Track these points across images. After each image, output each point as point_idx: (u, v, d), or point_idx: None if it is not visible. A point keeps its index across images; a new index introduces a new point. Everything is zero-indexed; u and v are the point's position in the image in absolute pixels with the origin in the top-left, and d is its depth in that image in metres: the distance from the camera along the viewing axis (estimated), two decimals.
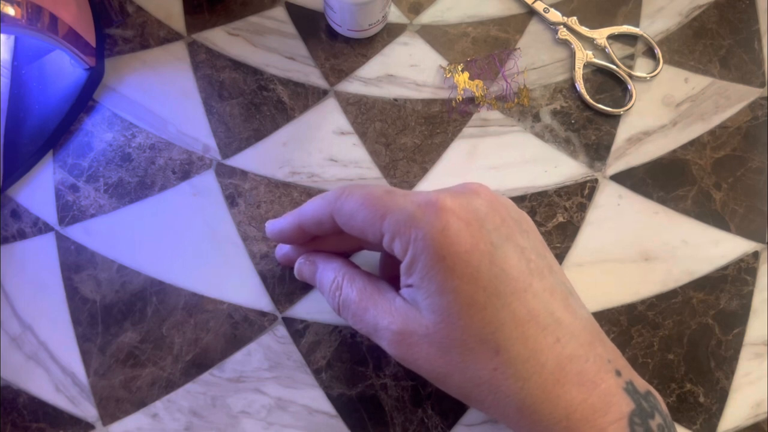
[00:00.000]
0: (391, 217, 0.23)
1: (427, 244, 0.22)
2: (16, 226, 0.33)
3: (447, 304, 0.22)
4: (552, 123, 0.35)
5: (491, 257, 0.22)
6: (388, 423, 0.30)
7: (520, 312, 0.22)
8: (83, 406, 0.30)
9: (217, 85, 0.35)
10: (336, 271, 0.27)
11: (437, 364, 0.23)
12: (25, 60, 0.35)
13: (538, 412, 0.21)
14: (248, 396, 0.30)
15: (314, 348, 0.31)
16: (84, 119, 0.35)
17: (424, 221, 0.22)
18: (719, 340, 0.31)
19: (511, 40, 0.37)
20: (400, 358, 0.24)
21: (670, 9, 0.38)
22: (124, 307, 0.31)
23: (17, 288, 0.32)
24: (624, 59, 0.36)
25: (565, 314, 0.22)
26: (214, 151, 0.34)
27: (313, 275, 0.28)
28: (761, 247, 0.33)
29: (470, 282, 0.21)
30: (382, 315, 0.24)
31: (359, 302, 0.25)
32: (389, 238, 0.23)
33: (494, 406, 0.22)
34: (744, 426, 0.30)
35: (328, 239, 0.28)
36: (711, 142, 0.35)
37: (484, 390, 0.22)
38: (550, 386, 0.21)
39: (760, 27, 0.37)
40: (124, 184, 0.33)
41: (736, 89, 0.36)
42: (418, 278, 0.22)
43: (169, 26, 0.36)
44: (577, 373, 0.21)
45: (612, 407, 0.21)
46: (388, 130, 0.35)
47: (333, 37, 0.36)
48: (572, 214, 0.33)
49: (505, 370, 0.21)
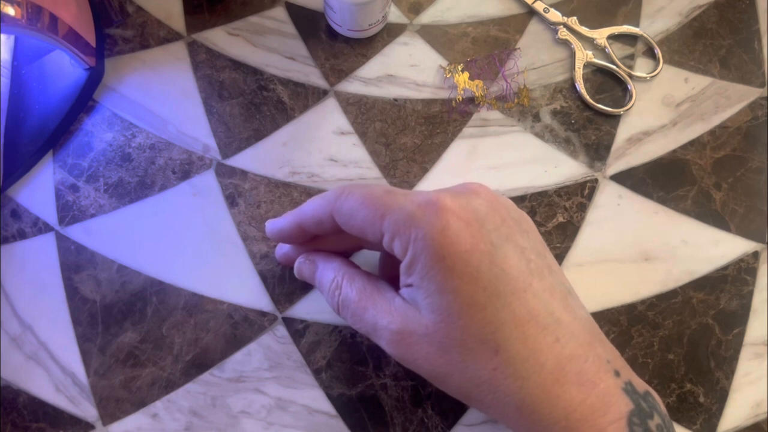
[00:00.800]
0: (390, 217, 0.23)
1: (427, 244, 0.22)
2: (16, 226, 0.33)
3: (447, 304, 0.22)
4: (552, 123, 0.35)
5: (491, 257, 0.22)
6: (388, 423, 0.30)
7: (519, 312, 0.22)
8: (83, 406, 0.30)
9: (217, 85, 0.35)
10: (336, 270, 0.26)
11: (437, 364, 0.23)
12: (25, 60, 0.35)
13: (538, 412, 0.21)
14: (248, 396, 0.30)
15: (314, 348, 0.31)
16: (84, 119, 0.35)
17: (424, 221, 0.22)
18: (719, 340, 0.31)
19: (511, 40, 0.37)
20: (399, 357, 0.24)
21: (670, 9, 0.38)
22: (124, 307, 0.31)
23: (17, 288, 0.32)
24: (624, 59, 0.36)
25: (564, 314, 0.22)
26: (214, 151, 0.34)
27: (312, 275, 0.28)
28: (761, 247, 0.33)
29: (470, 282, 0.21)
30: (381, 314, 0.24)
31: (358, 302, 0.25)
32: (389, 238, 0.23)
33: (494, 406, 0.22)
34: (744, 426, 0.30)
35: (328, 239, 0.28)
36: (711, 142, 0.35)
37: (484, 390, 0.22)
38: (549, 386, 0.21)
39: (760, 27, 0.37)
40: (124, 184, 0.33)
41: (736, 89, 0.36)
42: (418, 278, 0.22)
43: (169, 26, 0.36)
44: (577, 373, 0.21)
45: (611, 407, 0.21)
46: (388, 130, 0.35)
47: (333, 37, 0.36)
48: (572, 214, 0.33)
49: (505, 369, 0.21)
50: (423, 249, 0.22)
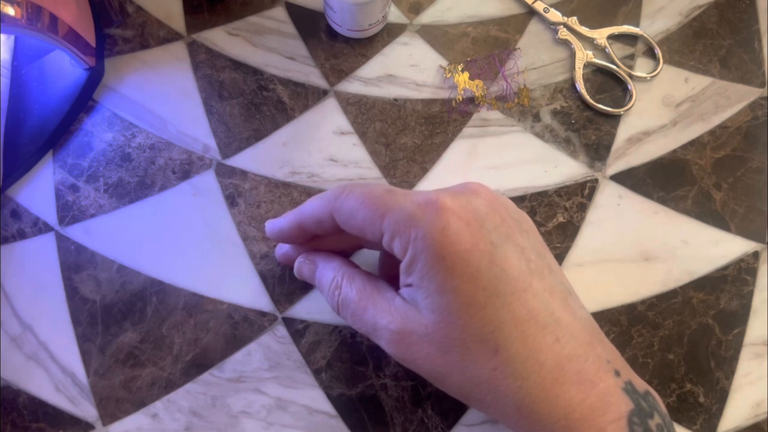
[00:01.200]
0: (390, 216, 0.23)
1: (427, 243, 0.22)
2: (16, 226, 0.33)
3: (447, 304, 0.22)
4: (552, 123, 0.35)
5: (491, 257, 0.22)
6: (388, 423, 0.30)
7: (519, 311, 0.22)
8: (83, 406, 0.30)
9: (217, 85, 0.35)
10: (335, 270, 0.26)
11: (436, 364, 0.23)
12: (25, 60, 0.35)
13: (537, 412, 0.21)
14: (248, 396, 0.30)
15: (314, 348, 0.31)
16: (84, 119, 0.35)
17: (424, 221, 0.22)
18: (719, 340, 0.31)
19: (511, 40, 0.37)
20: (399, 357, 0.24)
21: (670, 9, 0.38)
22: (124, 307, 0.31)
23: (17, 288, 0.32)
24: (624, 59, 0.36)
25: (564, 314, 0.22)
26: (214, 151, 0.34)
27: (312, 274, 0.28)
28: (761, 247, 0.33)
29: (470, 281, 0.21)
30: (381, 314, 0.24)
31: (358, 301, 0.25)
32: (389, 237, 0.23)
33: (494, 406, 0.22)
34: (744, 426, 0.30)
35: (327, 238, 0.28)
36: (711, 142, 0.35)
37: (484, 389, 0.22)
38: (549, 385, 0.21)
39: (760, 27, 0.37)
40: (124, 184, 0.33)
41: (736, 89, 0.36)
42: (418, 277, 0.22)
43: (169, 26, 0.36)
44: (576, 373, 0.21)
45: (611, 407, 0.21)
46: (388, 130, 0.35)
47: (333, 37, 0.36)
48: (572, 214, 0.33)
49: (504, 369, 0.21)
50: (423, 249, 0.22)
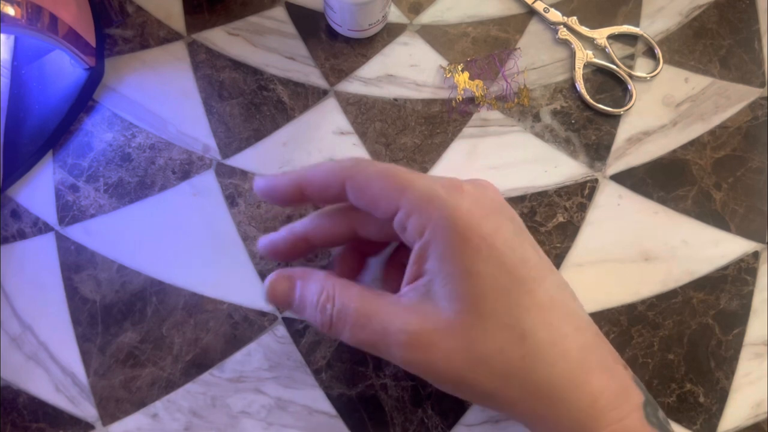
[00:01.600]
0: (412, 193, 0.21)
1: (451, 223, 0.21)
2: (16, 226, 0.33)
3: (470, 288, 0.21)
4: (552, 123, 0.35)
5: (513, 243, 0.22)
6: (388, 423, 0.30)
7: (542, 299, 0.21)
8: (83, 406, 0.30)
9: (217, 85, 0.35)
10: (322, 281, 0.23)
11: (458, 363, 0.21)
12: (25, 60, 0.35)
13: (567, 400, 0.21)
14: (248, 396, 0.30)
15: (314, 348, 0.31)
16: (84, 119, 0.35)
17: (449, 201, 0.21)
18: (719, 340, 0.31)
19: (511, 40, 0.37)
20: (414, 363, 0.22)
21: (670, 9, 0.38)
22: (124, 307, 0.31)
23: (17, 288, 0.32)
24: (624, 59, 0.36)
25: (578, 307, 0.23)
26: (214, 151, 0.34)
27: (290, 292, 0.24)
28: (761, 247, 0.33)
29: (496, 265, 0.21)
30: (392, 318, 0.22)
31: (361, 309, 0.22)
32: (404, 215, 0.22)
33: (522, 401, 0.21)
34: (744, 426, 0.30)
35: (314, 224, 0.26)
36: (711, 142, 0.35)
37: (513, 383, 0.21)
38: (576, 372, 0.21)
39: (760, 27, 0.37)
40: (124, 184, 0.33)
41: (736, 89, 0.36)
42: (436, 262, 0.21)
43: (169, 26, 0.36)
44: (598, 361, 0.21)
45: (630, 396, 0.21)
46: (388, 130, 0.35)
47: (333, 37, 0.36)
48: (572, 214, 0.33)
49: (534, 355, 0.21)
50: (445, 228, 0.21)
